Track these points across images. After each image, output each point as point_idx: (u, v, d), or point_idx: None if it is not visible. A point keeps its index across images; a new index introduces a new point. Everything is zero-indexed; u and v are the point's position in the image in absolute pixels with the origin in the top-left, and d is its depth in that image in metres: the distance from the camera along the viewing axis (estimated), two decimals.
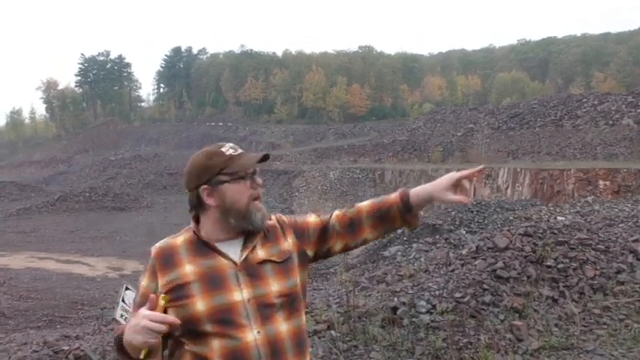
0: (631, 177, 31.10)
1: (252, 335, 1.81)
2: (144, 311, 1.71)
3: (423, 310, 5.68)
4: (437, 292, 6.04)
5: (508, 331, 5.33)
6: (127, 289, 4.87)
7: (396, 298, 6.04)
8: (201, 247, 1.89)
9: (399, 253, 13.85)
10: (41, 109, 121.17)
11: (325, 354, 5.08)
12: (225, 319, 1.80)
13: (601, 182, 31.96)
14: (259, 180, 1.93)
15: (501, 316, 5.58)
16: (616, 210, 16.02)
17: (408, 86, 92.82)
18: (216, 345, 1.79)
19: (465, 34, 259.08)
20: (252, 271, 1.87)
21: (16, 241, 28.43)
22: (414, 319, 5.52)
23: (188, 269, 1.83)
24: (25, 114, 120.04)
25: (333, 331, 5.49)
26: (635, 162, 34.24)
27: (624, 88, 62.05)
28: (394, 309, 5.78)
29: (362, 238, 2.11)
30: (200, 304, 1.79)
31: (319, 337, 5.40)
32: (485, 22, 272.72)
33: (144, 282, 1.90)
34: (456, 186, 1.97)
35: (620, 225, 10.11)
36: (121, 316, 4.80)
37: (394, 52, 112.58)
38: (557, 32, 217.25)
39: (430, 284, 6.46)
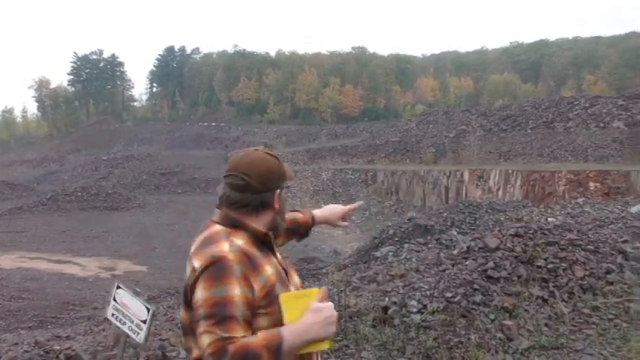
0: (621, 179, 31.34)
1: None
2: (326, 304, 1.75)
3: (414, 309, 5.71)
4: (428, 292, 6.07)
5: (498, 330, 5.37)
6: (118, 287, 4.87)
7: (387, 298, 6.07)
8: (262, 246, 1.91)
9: (391, 254, 13.90)
10: (33, 108, 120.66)
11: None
12: None
13: (592, 184, 32.17)
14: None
15: (492, 316, 5.63)
16: (606, 211, 16.12)
17: (400, 87, 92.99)
18: None
19: (458, 36, 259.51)
20: (286, 268, 2.01)
21: (7, 241, 28.20)
22: (405, 319, 5.55)
23: (269, 271, 1.83)
24: (17, 113, 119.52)
25: None
26: (626, 164, 34.51)
27: (615, 91, 62.55)
28: (385, 309, 5.81)
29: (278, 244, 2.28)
30: None
31: None
32: (478, 25, 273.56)
33: (237, 291, 1.69)
34: (345, 215, 2.70)
35: (610, 226, 10.18)
36: (112, 315, 4.80)
37: (387, 53, 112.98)
38: (550, 35, 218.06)
39: (421, 284, 6.50)
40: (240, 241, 1.84)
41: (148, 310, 4.62)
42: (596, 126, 41.97)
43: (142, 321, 4.62)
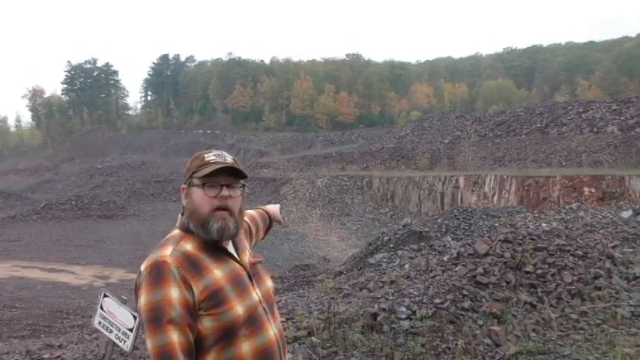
0: (615, 184, 31.45)
1: (272, 331, 1.93)
2: None
3: (403, 315, 5.72)
4: (417, 298, 6.09)
5: (486, 336, 5.39)
6: (105, 296, 4.88)
7: (376, 305, 6.08)
8: (215, 251, 1.91)
9: (385, 260, 13.89)
10: (27, 117, 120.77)
11: None
12: (255, 319, 1.88)
13: (586, 189, 32.29)
14: (225, 192, 1.91)
15: (480, 322, 5.64)
16: (599, 217, 16.21)
17: (395, 94, 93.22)
18: (246, 347, 1.83)
19: (452, 42, 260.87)
20: (254, 271, 2.00)
21: (1, 250, 28.11)
22: (393, 325, 5.56)
23: (218, 274, 1.84)
24: (11, 122, 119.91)
25: (313, 338, 5.52)
26: (620, 169, 34.63)
27: (608, 96, 62.79)
28: (374, 315, 5.82)
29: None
30: (239, 308, 1.83)
31: (299, 344, 5.43)
32: (472, 31, 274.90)
33: (174, 293, 1.73)
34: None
35: (601, 231, 10.23)
36: (99, 323, 4.81)
37: (382, 59, 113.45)
38: (543, 41, 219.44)
39: (411, 290, 6.51)
40: (188, 245, 1.87)
41: (135, 318, 4.63)
42: (590, 131, 42.14)
43: (128, 329, 4.63)
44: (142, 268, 1.82)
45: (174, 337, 1.69)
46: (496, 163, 43.77)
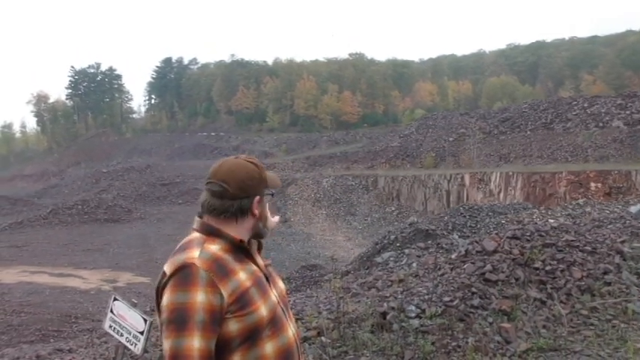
0: (622, 178, 31.35)
1: (291, 331, 1.97)
2: None
3: (413, 314, 5.71)
4: (426, 297, 6.07)
5: (496, 333, 5.37)
6: (115, 299, 4.88)
7: (385, 304, 6.07)
8: (239, 253, 1.93)
9: (392, 259, 13.87)
10: (32, 123, 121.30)
11: None
12: (277, 320, 1.92)
13: (592, 184, 32.20)
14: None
15: (490, 319, 5.62)
16: (607, 212, 16.14)
17: (399, 92, 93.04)
18: (269, 347, 1.86)
19: (455, 39, 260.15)
20: (269, 273, 2.04)
21: (8, 256, 28.24)
22: (403, 324, 5.55)
23: (243, 276, 1.86)
24: (16, 128, 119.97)
25: (323, 338, 5.52)
26: (626, 163, 34.51)
27: (613, 91, 62.46)
28: (384, 314, 5.81)
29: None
30: (264, 309, 1.85)
31: (309, 344, 5.43)
32: (475, 28, 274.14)
33: (200, 297, 1.73)
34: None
35: (609, 226, 10.19)
36: (110, 327, 4.81)
37: (385, 58, 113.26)
38: (546, 36, 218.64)
39: (420, 289, 6.50)
40: (214, 247, 1.88)
41: (146, 321, 4.63)
42: (595, 126, 42.00)
43: (139, 332, 4.63)
44: (167, 269, 1.82)
45: (195, 342, 1.70)
46: (501, 160, 43.67)
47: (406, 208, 41.35)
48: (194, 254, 1.82)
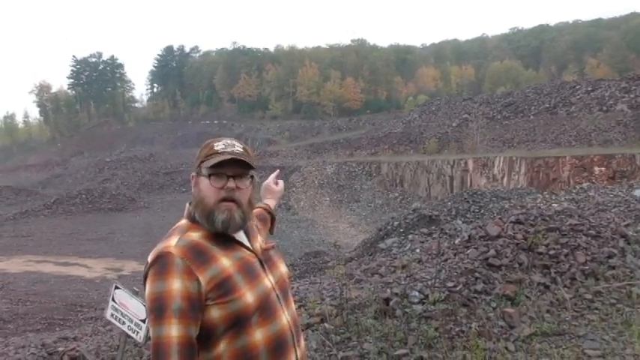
0: (626, 162, 31.17)
1: (285, 318, 1.91)
2: None
3: (416, 300, 5.70)
4: (429, 282, 6.06)
5: (500, 318, 5.35)
6: (116, 288, 4.88)
7: (388, 290, 6.05)
8: (223, 239, 1.87)
9: (395, 245, 13.88)
10: (35, 113, 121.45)
11: (319, 346, 5.10)
12: (268, 306, 1.86)
13: (596, 168, 32.03)
14: (231, 184, 1.87)
15: (493, 304, 5.60)
16: (610, 195, 16.06)
17: (401, 78, 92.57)
18: (259, 335, 1.81)
19: (458, 24, 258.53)
20: (266, 257, 1.98)
21: (13, 245, 28.36)
22: (406, 310, 5.54)
23: (226, 263, 1.81)
24: (19, 118, 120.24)
25: (326, 324, 5.51)
26: (630, 147, 34.31)
27: (617, 74, 62.05)
28: (387, 300, 5.80)
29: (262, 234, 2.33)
30: (249, 296, 1.80)
31: (312, 330, 5.42)
32: (478, 12, 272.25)
33: (176, 285, 1.71)
34: (275, 182, 2.87)
35: (613, 210, 10.13)
36: (112, 315, 4.81)
37: (387, 44, 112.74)
38: (549, 20, 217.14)
39: (423, 274, 6.48)
40: (195, 234, 1.84)
41: None
42: (599, 110, 41.73)
43: (141, 320, 4.63)
44: (149, 259, 1.81)
45: (173, 330, 1.68)
46: (505, 144, 43.48)
47: (409, 194, 41.28)
48: (171, 242, 1.80)
